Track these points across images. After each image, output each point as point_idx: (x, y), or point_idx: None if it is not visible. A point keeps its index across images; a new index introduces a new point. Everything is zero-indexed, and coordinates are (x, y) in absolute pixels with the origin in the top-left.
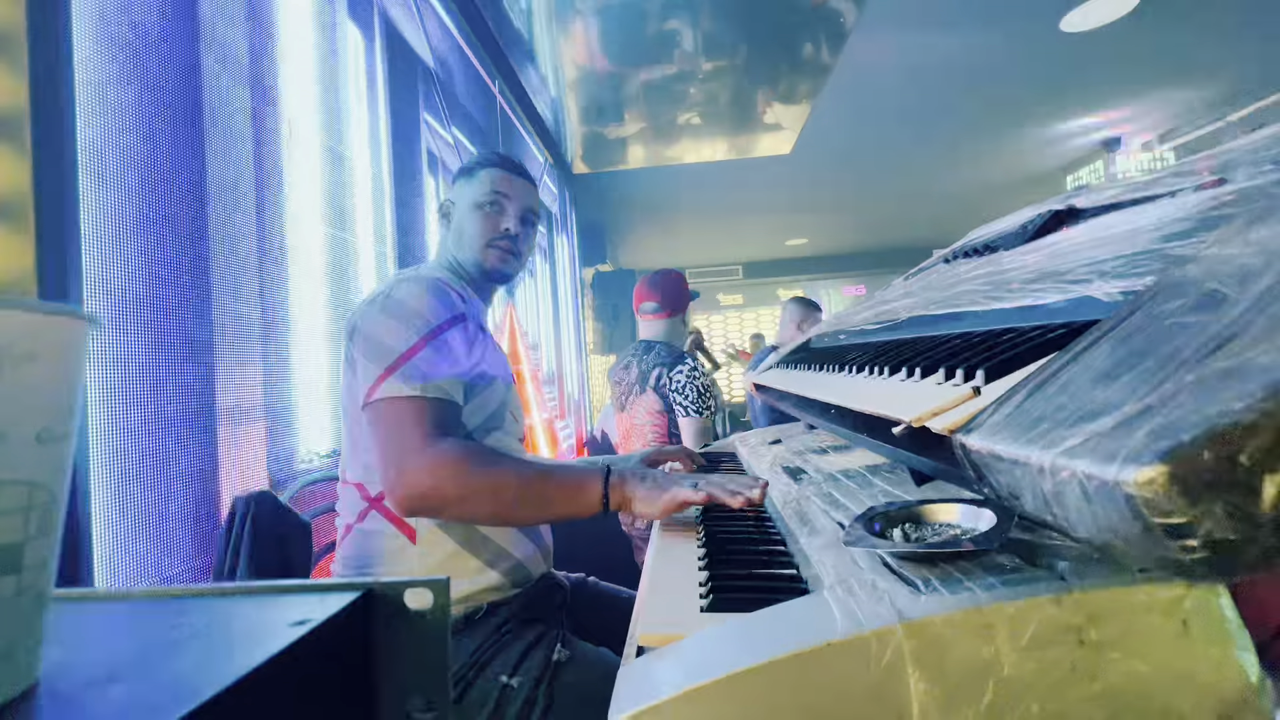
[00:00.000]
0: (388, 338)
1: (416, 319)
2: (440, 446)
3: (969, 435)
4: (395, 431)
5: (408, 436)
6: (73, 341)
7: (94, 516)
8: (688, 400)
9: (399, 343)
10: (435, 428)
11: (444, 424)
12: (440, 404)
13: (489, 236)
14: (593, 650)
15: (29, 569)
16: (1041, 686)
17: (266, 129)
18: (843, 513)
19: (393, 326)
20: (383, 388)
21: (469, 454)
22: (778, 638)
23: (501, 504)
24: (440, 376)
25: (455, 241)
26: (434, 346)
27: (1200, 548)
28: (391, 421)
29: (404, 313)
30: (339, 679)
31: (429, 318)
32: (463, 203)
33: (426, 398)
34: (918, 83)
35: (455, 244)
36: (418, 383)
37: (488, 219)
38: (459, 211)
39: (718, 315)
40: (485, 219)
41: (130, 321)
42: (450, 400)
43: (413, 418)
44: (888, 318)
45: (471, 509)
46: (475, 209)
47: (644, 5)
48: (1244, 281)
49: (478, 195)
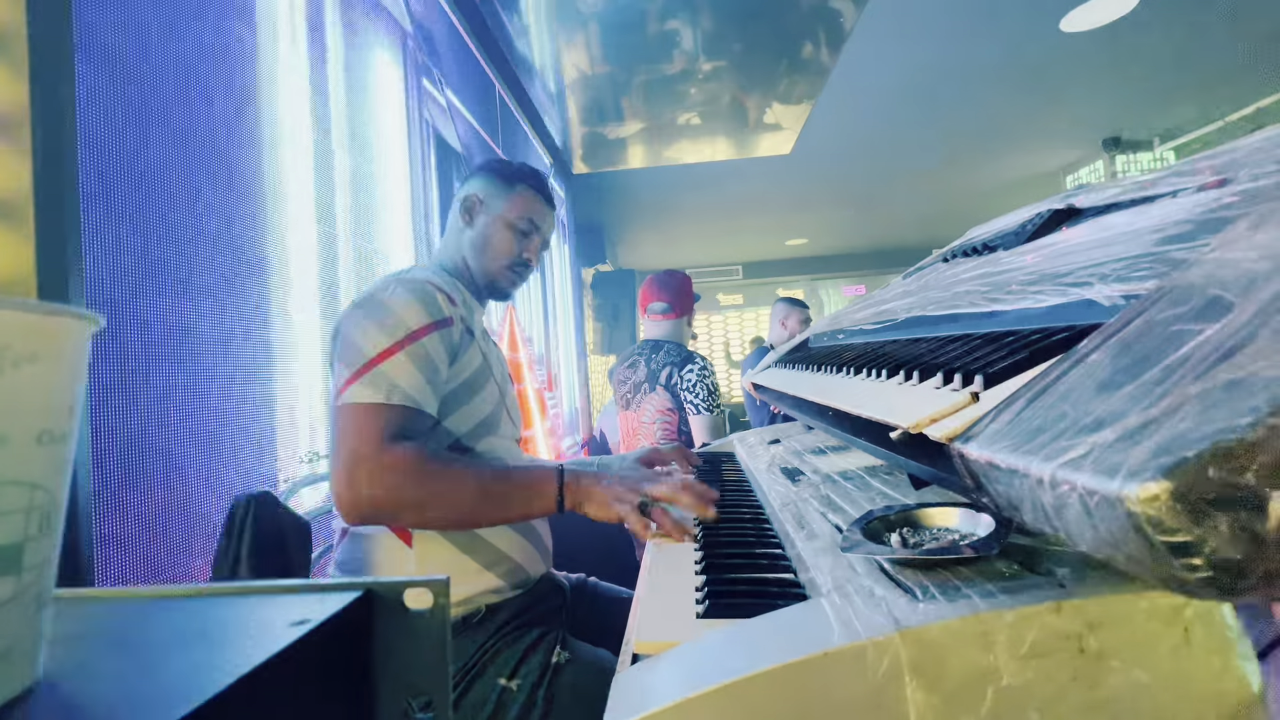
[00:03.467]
0: (362, 341)
1: (393, 322)
2: (391, 453)
3: (967, 443)
4: (350, 438)
5: (360, 444)
6: (73, 341)
7: (94, 516)
8: (698, 398)
9: (370, 347)
10: (393, 435)
11: (404, 432)
12: (405, 412)
13: (512, 259)
14: (592, 652)
15: (29, 569)
16: (1041, 695)
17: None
18: (840, 516)
19: (368, 329)
20: (348, 393)
21: (418, 458)
22: (774, 646)
23: (454, 508)
24: (409, 384)
25: (475, 246)
26: (408, 352)
27: (1204, 566)
28: (349, 428)
29: (383, 316)
30: (339, 679)
31: (407, 322)
32: (493, 211)
33: (390, 404)
34: (917, 82)
35: (473, 249)
36: (383, 389)
37: (515, 242)
38: (487, 218)
39: (718, 315)
40: (514, 241)
41: (130, 321)
42: (417, 409)
43: (371, 424)
44: (886, 318)
45: (424, 515)
46: (507, 227)
47: (644, 5)
48: (1249, 288)
49: (511, 214)
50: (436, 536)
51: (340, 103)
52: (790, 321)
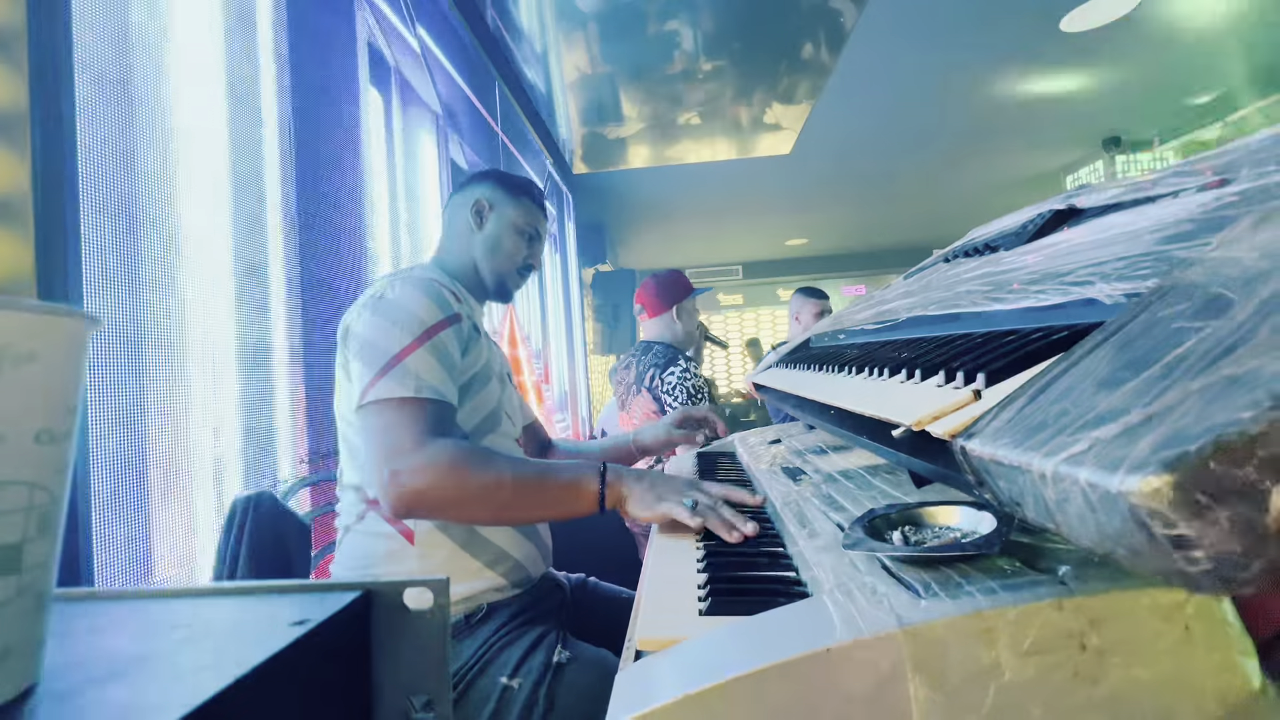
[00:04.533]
0: (381, 339)
1: (410, 319)
2: (433, 447)
3: (970, 440)
4: (388, 433)
5: (400, 438)
6: (73, 341)
7: (94, 516)
8: (677, 401)
9: (392, 344)
10: (429, 429)
11: (438, 425)
12: (434, 405)
13: (521, 261)
14: (593, 652)
15: (29, 569)
16: (1043, 692)
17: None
18: (842, 514)
19: (385, 328)
20: (375, 389)
21: (463, 454)
22: (776, 643)
23: (497, 504)
24: (434, 377)
25: (487, 248)
26: (428, 347)
27: (1205, 560)
28: (384, 423)
29: (397, 313)
30: (339, 679)
31: (423, 318)
32: (505, 218)
33: (420, 398)
34: (918, 82)
35: (485, 251)
36: (411, 384)
37: (525, 246)
38: (499, 223)
39: (718, 315)
40: (523, 245)
41: (131, 321)
42: (444, 401)
43: (406, 419)
44: (888, 317)
45: (468, 511)
46: (518, 233)
47: (644, 5)
48: (1250, 285)
49: (521, 221)
50: (438, 534)
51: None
52: (804, 315)
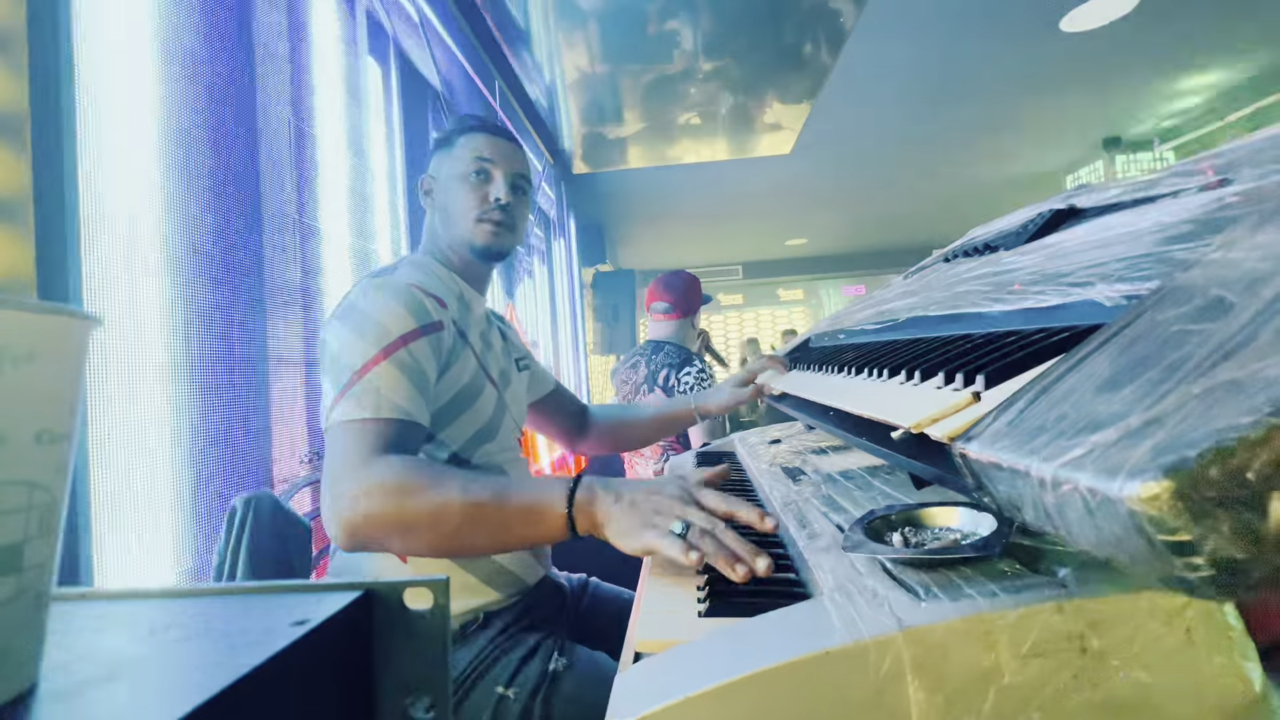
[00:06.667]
0: (344, 353)
1: (376, 330)
2: (376, 466)
3: (969, 443)
4: (336, 458)
5: (346, 461)
6: (73, 341)
7: (94, 516)
8: None
9: (355, 358)
10: (383, 450)
11: (398, 447)
12: (397, 425)
13: (478, 210)
14: (591, 658)
15: (29, 569)
16: (1043, 695)
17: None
18: (842, 515)
19: (350, 341)
20: (336, 410)
21: (407, 471)
22: (776, 645)
23: (444, 532)
24: (399, 394)
25: (442, 221)
26: (394, 360)
27: (1205, 566)
28: (340, 448)
29: (363, 323)
30: (339, 679)
31: (391, 328)
32: (444, 177)
33: (379, 418)
34: (918, 82)
35: (442, 224)
36: (370, 402)
37: (475, 190)
38: (441, 187)
39: (718, 315)
40: (472, 191)
41: (131, 321)
42: (409, 421)
43: (358, 442)
44: (887, 318)
45: (412, 539)
46: (460, 181)
47: (644, 5)
48: (1251, 288)
49: (460, 166)
50: None
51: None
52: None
